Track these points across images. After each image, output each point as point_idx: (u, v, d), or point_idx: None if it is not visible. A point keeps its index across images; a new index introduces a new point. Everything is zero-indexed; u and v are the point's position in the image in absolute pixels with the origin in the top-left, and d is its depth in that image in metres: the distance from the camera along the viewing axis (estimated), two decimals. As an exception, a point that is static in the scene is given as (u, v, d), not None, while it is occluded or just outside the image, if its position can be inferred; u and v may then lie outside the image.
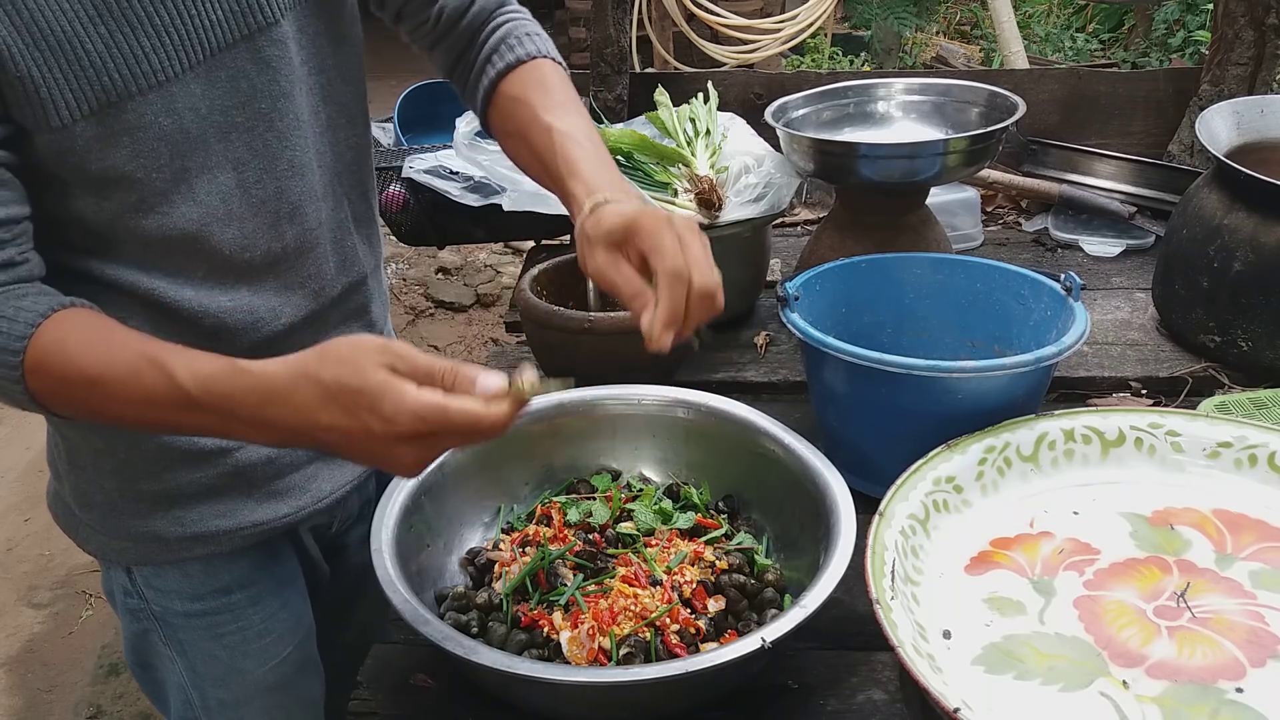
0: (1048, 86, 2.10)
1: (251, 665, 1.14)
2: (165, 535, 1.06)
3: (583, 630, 0.93)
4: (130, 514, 1.05)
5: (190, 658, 1.13)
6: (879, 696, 0.95)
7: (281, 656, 1.16)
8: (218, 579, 1.10)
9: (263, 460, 1.07)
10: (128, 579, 1.10)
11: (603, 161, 1.00)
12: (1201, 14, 5.08)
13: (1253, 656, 0.86)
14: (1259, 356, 1.41)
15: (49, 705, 2.50)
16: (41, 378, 0.84)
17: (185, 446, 1.02)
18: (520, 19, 1.12)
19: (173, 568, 1.08)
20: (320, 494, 1.13)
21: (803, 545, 1.03)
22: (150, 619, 1.11)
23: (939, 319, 1.35)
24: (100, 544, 1.09)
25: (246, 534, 1.09)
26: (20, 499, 3.24)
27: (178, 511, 1.05)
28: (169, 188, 0.91)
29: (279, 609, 1.15)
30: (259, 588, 1.13)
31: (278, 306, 1.02)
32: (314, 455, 1.11)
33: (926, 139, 1.60)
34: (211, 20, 0.90)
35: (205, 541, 1.07)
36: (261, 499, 1.08)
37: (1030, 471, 1.10)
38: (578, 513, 1.09)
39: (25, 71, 0.80)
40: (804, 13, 4.06)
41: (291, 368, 0.78)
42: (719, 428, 1.15)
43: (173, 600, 1.10)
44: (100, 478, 1.04)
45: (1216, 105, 1.54)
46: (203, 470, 1.04)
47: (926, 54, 5.83)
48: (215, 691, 1.14)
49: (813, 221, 2.06)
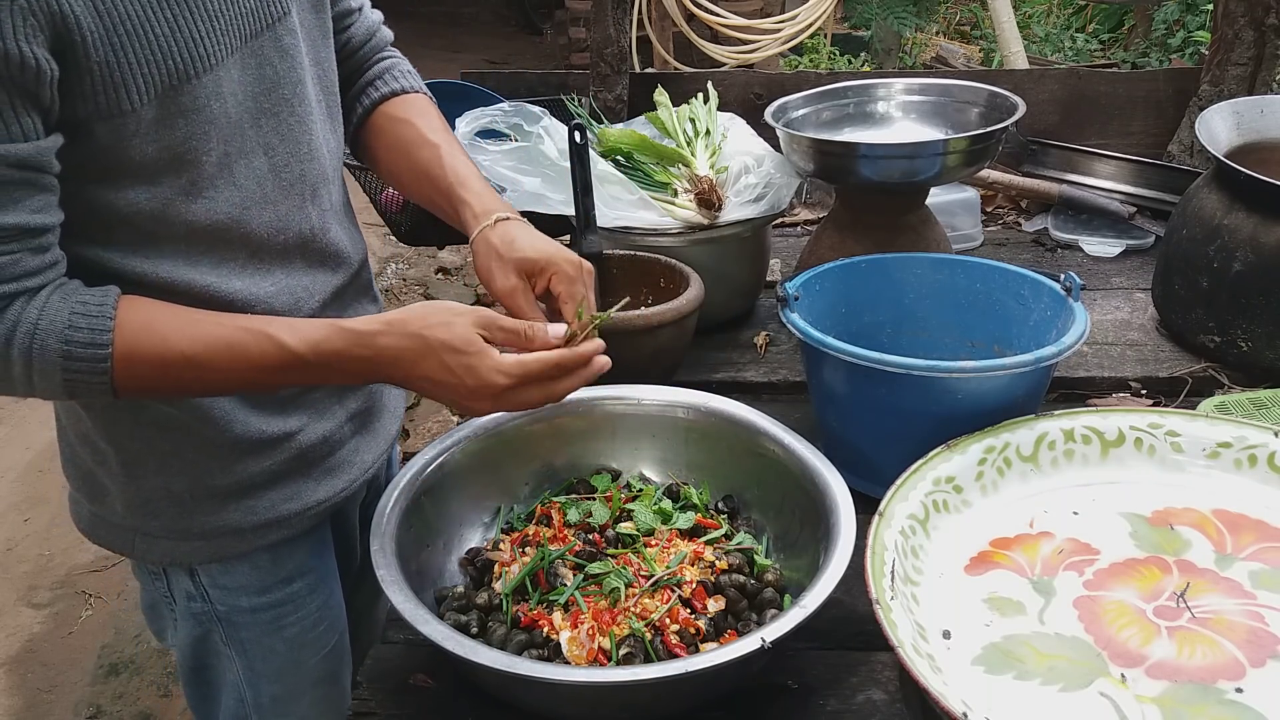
0: (1047, 87, 2.10)
1: (307, 656, 1.18)
2: (240, 526, 1.08)
3: (582, 630, 0.93)
4: (204, 511, 1.07)
5: (250, 655, 1.15)
6: (879, 696, 0.95)
7: (330, 646, 1.21)
8: (282, 568, 1.13)
9: (319, 440, 1.11)
10: (191, 582, 1.11)
11: (486, 182, 1.12)
12: (1201, 14, 5.08)
13: (1252, 656, 0.86)
14: (1259, 357, 1.41)
15: (49, 705, 2.50)
16: (134, 363, 0.88)
17: (255, 436, 1.05)
18: (402, 61, 1.24)
19: (242, 561, 1.11)
20: (364, 465, 1.18)
21: (802, 545, 1.03)
22: (213, 620, 1.13)
23: (939, 319, 1.35)
24: (165, 550, 1.09)
25: (312, 514, 1.12)
26: (20, 499, 3.24)
27: (249, 501, 1.08)
28: (215, 172, 0.94)
29: (329, 596, 1.20)
30: (315, 575, 1.17)
31: (309, 286, 1.06)
32: (355, 430, 1.16)
33: (926, 139, 1.60)
34: (247, 8, 0.94)
35: (277, 527, 1.10)
36: (320, 478, 1.12)
37: (1030, 472, 1.10)
38: (577, 513, 1.09)
39: (104, 58, 0.83)
40: (804, 13, 4.06)
41: (395, 327, 0.92)
42: (719, 428, 1.15)
43: (239, 597, 1.12)
44: (168, 481, 1.05)
45: (1216, 105, 1.55)
46: (270, 458, 1.07)
47: (926, 54, 5.83)
48: (270, 687, 1.17)
49: (813, 221, 2.06)
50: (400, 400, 1.27)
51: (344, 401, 1.14)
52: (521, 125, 1.68)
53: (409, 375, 0.93)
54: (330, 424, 1.12)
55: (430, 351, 0.91)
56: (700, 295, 1.35)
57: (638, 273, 1.46)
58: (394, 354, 0.92)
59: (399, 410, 1.26)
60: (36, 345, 0.85)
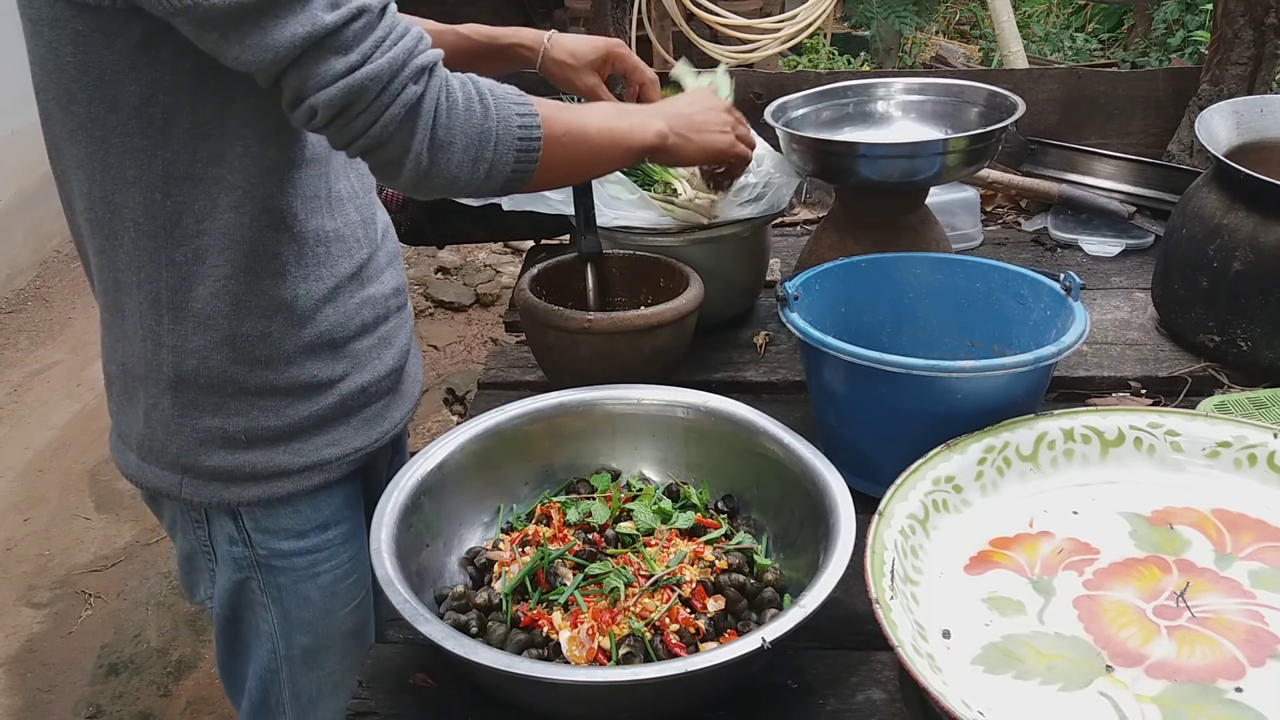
0: (1047, 86, 2.10)
1: (337, 606, 1.24)
2: (289, 468, 1.15)
3: (582, 630, 0.93)
4: (256, 451, 1.13)
5: (285, 604, 1.21)
6: (879, 696, 0.95)
7: (358, 600, 1.26)
8: (320, 513, 1.20)
9: (358, 389, 1.18)
10: (235, 526, 1.16)
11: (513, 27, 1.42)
12: (1201, 14, 5.08)
13: (1252, 656, 0.87)
14: (1258, 356, 1.41)
15: (48, 705, 2.50)
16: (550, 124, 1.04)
17: (307, 380, 1.13)
18: None
19: (284, 504, 1.17)
20: (394, 420, 1.25)
21: (802, 545, 1.03)
22: (252, 566, 1.18)
23: (938, 319, 1.35)
24: (214, 492, 1.14)
25: (350, 460, 1.20)
26: (20, 499, 3.24)
27: (297, 444, 1.15)
28: None
29: (359, 550, 1.25)
30: (348, 525, 1.24)
31: (369, 222, 1.18)
32: (390, 387, 1.24)
33: (926, 139, 1.60)
34: None
35: (320, 470, 1.17)
36: (358, 426, 1.20)
37: (1030, 471, 1.10)
38: (577, 512, 1.09)
39: None
40: (803, 12, 4.06)
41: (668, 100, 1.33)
42: (718, 427, 1.15)
43: (280, 540, 1.18)
44: (225, 421, 1.11)
45: (1216, 105, 1.54)
46: (317, 403, 1.14)
47: (926, 54, 5.83)
48: (301, 638, 1.23)
49: (812, 221, 2.06)
50: (419, 368, 1.34)
51: (383, 356, 1.20)
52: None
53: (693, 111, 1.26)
54: (370, 376, 1.18)
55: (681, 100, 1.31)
56: (700, 295, 1.35)
57: (637, 273, 1.46)
58: (669, 105, 1.28)
59: (419, 376, 1.34)
60: (496, 95, 1.00)
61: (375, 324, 1.19)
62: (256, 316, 1.07)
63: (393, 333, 1.22)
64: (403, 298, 1.26)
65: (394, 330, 1.23)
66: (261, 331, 1.08)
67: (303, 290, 1.09)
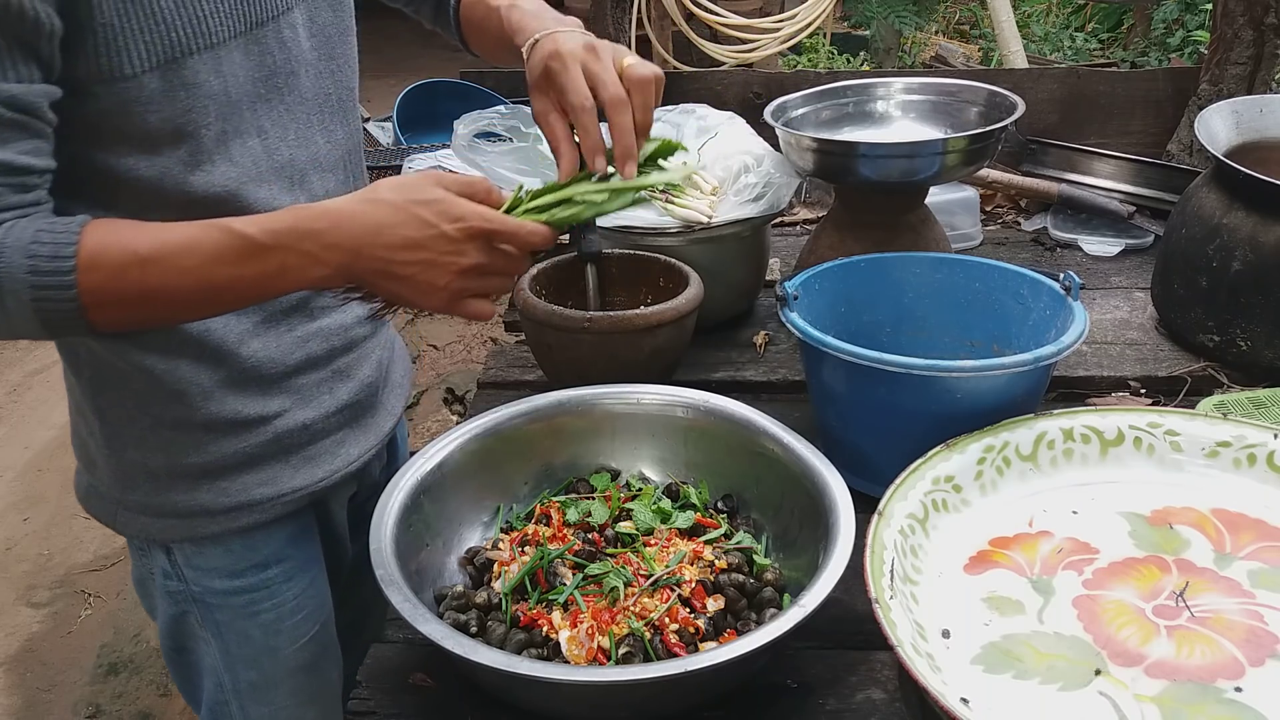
0: (1047, 86, 2.10)
1: (283, 644, 1.19)
2: (212, 507, 1.10)
3: (582, 630, 0.93)
4: (178, 489, 1.09)
5: (225, 639, 1.17)
6: (878, 696, 0.95)
7: (309, 635, 1.21)
8: (256, 553, 1.15)
9: (299, 427, 1.13)
10: (167, 560, 1.13)
11: (539, 12, 1.11)
12: (1200, 13, 5.07)
13: (1251, 656, 0.87)
14: (1258, 356, 1.41)
15: (48, 705, 2.50)
16: (95, 272, 0.87)
17: (230, 417, 1.07)
18: None
19: (214, 544, 1.12)
20: (349, 458, 1.19)
21: (802, 545, 1.03)
22: (189, 600, 1.15)
23: (938, 319, 1.35)
24: (142, 526, 1.12)
25: (286, 500, 1.14)
26: (20, 499, 3.24)
27: (223, 482, 1.10)
28: (213, 147, 0.98)
29: (308, 586, 1.21)
30: (292, 563, 1.18)
31: None
32: (344, 422, 1.18)
33: (925, 138, 1.60)
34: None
35: (249, 510, 1.12)
36: (298, 465, 1.14)
37: (1029, 471, 1.10)
38: (577, 512, 1.09)
39: (108, 20, 0.87)
40: (803, 12, 4.06)
41: (357, 196, 0.92)
42: (718, 427, 1.15)
43: (212, 579, 1.14)
44: (146, 456, 1.08)
45: (1215, 105, 1.54)
46: (245, 440, 1.09)
47: (926, 53, 5.83)
48: (247, 673, 1.19)
49: (812, 221, 2.06)
50: (400, 399, 1.28)
51: (335, 391, 1.15)
52: (519, 127, 1.68)
53: (385, 246, 0.89)
54: (315, 412, 1.14)
55: (402, 210, 0.89)
56: (699, 294, 1.35)
57: (637, 272, 1.46)
58: (365, 220, 0.89)
59: (396, 409, 1.27)
60: (3, 263, 0.84)
61: (327, 358, 1.13)
62: (159, 352, 1.03)
63: (353, 365, 1.17)
64: (375, 326, 1.20)
65: (354, 363, 1.17)
66: (167, 366, 1.04)
67: (216, 325, 1.03)
